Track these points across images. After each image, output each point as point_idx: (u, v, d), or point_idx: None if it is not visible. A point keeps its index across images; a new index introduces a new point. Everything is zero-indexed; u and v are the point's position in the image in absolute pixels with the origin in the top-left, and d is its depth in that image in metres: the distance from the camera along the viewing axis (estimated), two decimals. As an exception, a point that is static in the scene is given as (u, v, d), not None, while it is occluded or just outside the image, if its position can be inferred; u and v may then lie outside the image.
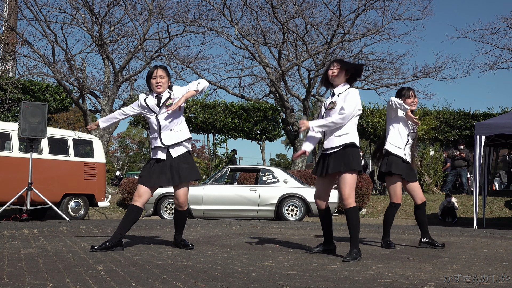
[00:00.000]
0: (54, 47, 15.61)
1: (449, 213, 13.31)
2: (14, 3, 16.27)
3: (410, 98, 5.30)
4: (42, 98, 17.35)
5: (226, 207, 11.65)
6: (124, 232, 4.43)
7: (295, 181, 11.94)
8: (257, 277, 3.17)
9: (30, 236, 5.58)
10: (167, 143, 4.52)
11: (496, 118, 11.24)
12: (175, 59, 18.27)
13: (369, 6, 17.21)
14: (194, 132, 20.09)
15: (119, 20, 16.67)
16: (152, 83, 4.57)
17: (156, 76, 4.54)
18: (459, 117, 18.81)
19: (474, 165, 10.18)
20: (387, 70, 18.73)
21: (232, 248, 4.88)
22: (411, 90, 5.37)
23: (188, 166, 4.57)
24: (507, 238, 7.15)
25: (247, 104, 19.93)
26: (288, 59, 18.70)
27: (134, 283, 2.88)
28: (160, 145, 4.52)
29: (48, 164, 10.32)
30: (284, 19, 17.57)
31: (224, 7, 18.20)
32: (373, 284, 3.05)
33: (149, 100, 4.60)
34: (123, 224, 4.43)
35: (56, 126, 23.75)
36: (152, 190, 4.54)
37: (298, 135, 4.32)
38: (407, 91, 5.33)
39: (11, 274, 3.09)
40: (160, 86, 4.53)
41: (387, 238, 5.36)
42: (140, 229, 6.93)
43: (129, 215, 4.46)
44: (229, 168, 12.36)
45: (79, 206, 10.81)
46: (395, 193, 5.27)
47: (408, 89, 5.37)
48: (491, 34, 17.45)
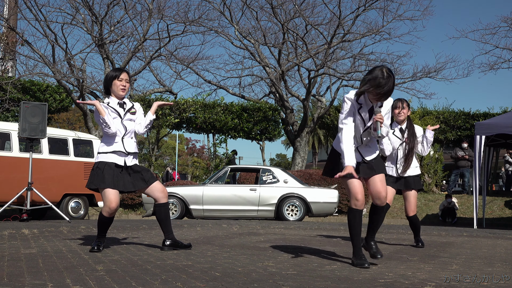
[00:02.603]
0: (54, 47, 15.61)
1: (449, 214, 13.32)
2: (14, 3, 16.27)
3: (397, 108, 5.35)
4: (42, 98, 17.35)
5: (226, 207, 11.65)
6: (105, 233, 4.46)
7: (295, 181, 11.94)
8: (257, 277, 3.17)
9: (30, 236, 5.58)
10: (129, 150, 4.41)
11: (496, 118, 11.24)
12: (175, 59, 18.29)
13: (369, 6, 17.22)
14: (194, 132, 20.10)
15: (119, 20, 16.68)
16: (116, 84, 4.40)
17: (122, 79, 4.42)
18: (459, 117, 18.81)
19: (474, 165, 10.18)
20: (387, 70, 18.70)
21: (232, 248, 4.88)
22: (400, 101, 5.37)
23: (145, 170, 4.49)
24: (507, 238, 7.15)
25: (247, 104, 19.94)
26: (288, 59, 18.70)
27: (134, 283, 2.88)
28: (122, 150, 4.38)
29: (48, 164, 10.32)
30: (284, 19, 17.57)
31: (224, 7, 18.21)
32: (373, 284, 3.05)
33: (112, 103, 4.45)
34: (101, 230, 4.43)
35: (56, 126, 23.74)
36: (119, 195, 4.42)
37: (375, 131, 4.13)
38: (396, 102, 5.37)
39: (11, 274, 3.09)
40: (124, 89, 4.43)
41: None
42: (140, 229, 6.93)
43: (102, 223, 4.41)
44: (229, 168, 12.36)
45: (79, 206, 10.81)
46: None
47: (397, 100, 5.41)
48: (491, 34, 17.47)
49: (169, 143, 46.36)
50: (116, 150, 4.37)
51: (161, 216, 4.57)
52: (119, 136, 4.41)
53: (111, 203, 4.29)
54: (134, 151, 4.46)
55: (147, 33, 16.67)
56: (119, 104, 4.47)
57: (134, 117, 4.50)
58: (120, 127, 4.42)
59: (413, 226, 5.50)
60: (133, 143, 4.47)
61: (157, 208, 4.59)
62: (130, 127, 4.46)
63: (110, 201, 4.28)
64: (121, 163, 4.37)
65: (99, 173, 4.32)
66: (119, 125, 4.41)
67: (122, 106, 4.47)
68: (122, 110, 4.45)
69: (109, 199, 4.28)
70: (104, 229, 4.43)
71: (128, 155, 4.43)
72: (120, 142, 4.40)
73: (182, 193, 11.62)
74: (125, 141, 4.42)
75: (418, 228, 5.51)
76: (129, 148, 4.42)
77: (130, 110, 4.49)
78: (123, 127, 4.43)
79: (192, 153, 45.08)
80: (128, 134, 4.45)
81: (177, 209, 11.53)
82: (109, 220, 4.41)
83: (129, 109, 4.49)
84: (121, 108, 4.46)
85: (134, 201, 14.14)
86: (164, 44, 16.98)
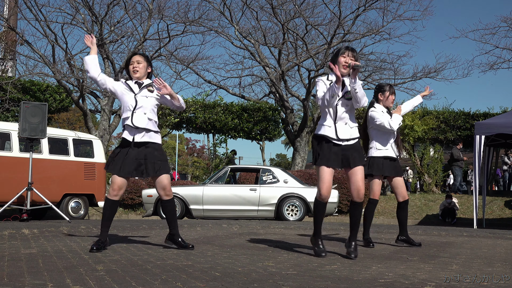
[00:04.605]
0: (54, 47, 15.61)
1: (449, 214, 13.33)
2: (14, 3, 16.27)
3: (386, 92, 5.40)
4: (42, 98, 17.36)
5: (226, 207, 11.65)
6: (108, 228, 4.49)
7: (295, 181, 11.94)
8: (257, 277, 3.17)
9: (30, 236, 5.57)
10: (137, 125, 4.45)
11: (496, 118, 11.23)
12: (175, 59, 18.29)
13: (369, 6, 17.22)
14: (194, 132, 20.10)
15: (119, 20, 16.68)
16: (129, 69, 4.59)
17: (133, 62, 4.57)
18: (459, 117, 18.82)
19: (474, 165, 10.17)
20: (387, 70, 18.75)
21: (232, 248, 4.88)
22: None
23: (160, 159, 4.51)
24: (507, 238, 7.15)
25: (247, 104, 19.94)
26: (288, 59, 18.70)
27: (134, 283, 2.87)
28: (129, 124, 4.45)
29: (48, 164, 10.32)
30: (284, 19, 17.57)
31: (224, 7, 18.21)
32: (373, 284, 3.04)
33: (129, 82, 4.59)
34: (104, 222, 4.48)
35: (56, 126, 23.75)
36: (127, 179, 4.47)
37: (354, 69, 4.25)
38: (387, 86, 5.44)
39: (11, 274, 3.09)
40: (136, 71, 4.55)
41: (367, 236, 5.39)
42: (140, 229, 6.93)
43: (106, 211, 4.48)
44: (229, 168, 12.36)
45: (79, 206, 10.81)
46: (373, 190, 5.38)
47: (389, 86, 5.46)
48: (491, 34, 17.48)
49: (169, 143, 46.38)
50: (126, 123, 4.49)
51: (165, 212, 4.70)
52: (130, 110, 4.49)
53: (112, 185, 4.45)
54: (143, 126, 4.46)
55: (147, 33, 16.67)
56: (136, 82, 4.58)
57: (151, 95, 4.54)
58: (132, 101, 4.49)
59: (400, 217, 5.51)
60: (145, 119, 4.47)
61: (161, 204, 4.74)
62: (142, 102, 4.50)
63: (112, 182, 4.46)
64: (129, 139, 4.45)
65: (112, 157, 4.52)
66: (130, 99, 4.50)
67: (140, 84, 4.57)
68: (136, 86, 4.55)
69: (112, 181, 4.47)
70: (106, 218, 4.45)
71: (138, 130, 4.46)
72: (130, 116, 4.48)
73: (182, 193, 11.62)
74: (135, 115, 4.47)
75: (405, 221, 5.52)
76: (137, 122, 4.45)
77: (148, 87, 4.56)
78: (135, 101, 4.50)
79: (192, 153, 45.03)
80: (140, 108, 4.49)
81: (177, 209, 11.51)
82: (111, 203, 4.45)
83: (146, 86, 4.56)
84: (136, 85, 4.56)
85: (134, 201, 14.14)
86: (164, 44, 16.99)
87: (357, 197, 4.21)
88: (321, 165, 4.16)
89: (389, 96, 5.38)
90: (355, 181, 4.18)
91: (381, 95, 5.39)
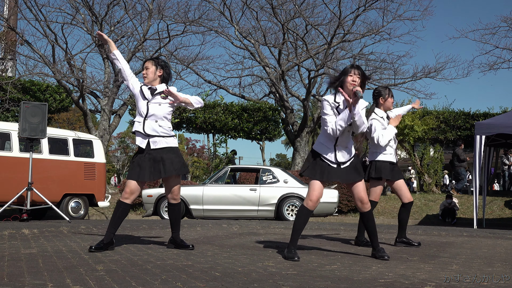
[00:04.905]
0: (54, 47, 15.61)
1: (449, 214, 13.32)
2: (14, 3, 16.28)
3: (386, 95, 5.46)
4: (42, 98, 17.35)
5: (226, 207, 11.65)
6: (115, 230, 4.46)
7: (295, 181, 11.94)
8: (257, 277, 3.17)
9: (30, 236, 5.57)
10: (148, 133, 4.47)
11: (496, 118, 11.23)
12: (175, 59, 18.28)
13: (369, 6, 17.23)
14: (194, 132, 20.10)
15: (119, 20, 16.69)
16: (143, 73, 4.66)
17: (145, 68, 4.63)
18: (459, 117, 18.82)
19: (474, 165, 10.17)
20: (387, 70, 18.75)
21: (232, 248, 4.88)
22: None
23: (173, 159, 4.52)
24: (507, 238, 7.15)
25: (247, 104, 19.93)
26: (288, 59, 18.70)
27: (134, 283, 2.88)
28: (140, 131, 4.48)
29: (48, 164, 10.32)
30: (284, 19, 17.57)
31: (224, 7, 18.21)
32: (373, 284, 3.05)
33: (144, 88, 4.60)
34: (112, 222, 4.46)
35: (56, 126, 23.74)
36: (141, 185, 4.49)
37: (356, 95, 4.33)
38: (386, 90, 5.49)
39: (11, 274, 3.09)
40: (145, 77, 4.60)
41: (362, 238, 5.41)
42: (140, 229, 6.93)
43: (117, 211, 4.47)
44: (229, 168, 12.36)
45: (79, 206, 10.81)
46: (375, 193, 5.42)
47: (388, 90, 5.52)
48: (491, 34, 17.47)
49: (169, 143, 46.23)
50: (137, 129, 4.51)
51: (169, 215, 4.77)
52: (142, 116, 4.51)
53: (126, 188, 4.49)
54: (155, 134, 4.48)
55: (147, 33, 16.68)
56: (150, 88, 4.58)
57: (164, 102, 4.54)
58: (144, 108, 4.51)
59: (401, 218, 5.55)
60: (157, 126, 4.48)
61: (167, 206, 4.80)
62: (154, 110, 4.50)
63: (126, 186, 4.49)
64: (143, 146, 4.48)
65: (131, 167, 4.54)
66: (143, 106, 4.51)
67: (153, 90, 4.57)
68: (149, 93, 4.55)
69: (126, 184, 4.50)
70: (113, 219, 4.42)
71: (151, 138, 4.47)
72: (141, 123, 4.50)
73: (182, 193, 11.62)
74: (146, 123, 4.49)
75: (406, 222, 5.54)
76: (148, 130, 4.47)
77: (160, 94, 4.56)
78: (146, 108, 4.50)
79: (192, 153, 45.06)
80: (152, 116, 4.49)
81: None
82: (122, 206, 4.44)
83: (158, 93, 4.55)
84: (148, 91, 4.56)
85: (134, 201, 14.15)
86: (164, 44, 16.99)
87: (362, 207, 4.34)
88: (314, 179, 4.22)
89: (388, 99, 5.45)
90: (357, 192, 4.30)
91: (382, 99, 5.44)
